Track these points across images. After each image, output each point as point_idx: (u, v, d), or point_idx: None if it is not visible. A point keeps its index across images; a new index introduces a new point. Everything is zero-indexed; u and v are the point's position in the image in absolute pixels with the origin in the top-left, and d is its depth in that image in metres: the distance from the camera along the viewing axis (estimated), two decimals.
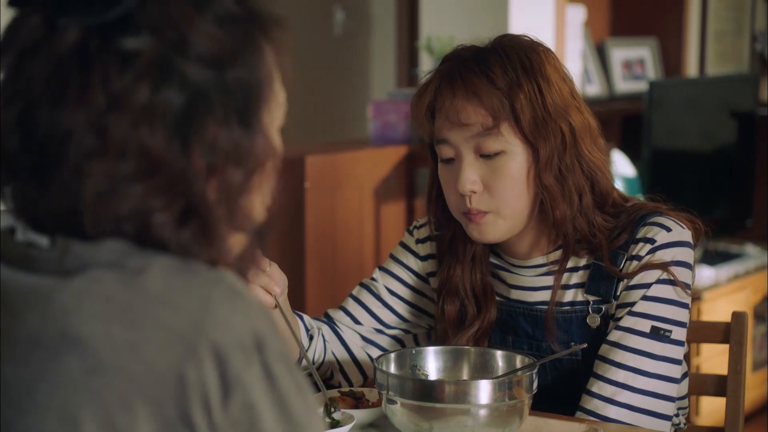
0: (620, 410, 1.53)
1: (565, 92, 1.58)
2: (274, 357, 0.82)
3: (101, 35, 0.83)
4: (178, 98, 0.84)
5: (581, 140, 1.57)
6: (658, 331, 1.55)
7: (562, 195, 1.57)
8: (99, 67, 0.83)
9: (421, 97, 1.60)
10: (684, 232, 1.59)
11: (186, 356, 0.79)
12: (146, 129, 0.83)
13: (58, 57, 0.83)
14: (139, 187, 0.83)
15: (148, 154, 0.83)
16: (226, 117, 0.86)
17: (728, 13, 4.62)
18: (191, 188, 0.85)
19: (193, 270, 0.84)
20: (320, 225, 3.12)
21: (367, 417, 1.54)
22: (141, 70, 0.83)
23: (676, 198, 1.67)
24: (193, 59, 0.84)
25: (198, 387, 0.79)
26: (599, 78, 4.28)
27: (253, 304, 0.84)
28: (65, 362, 0.80)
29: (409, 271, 1.77)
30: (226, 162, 0.87)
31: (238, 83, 0.87)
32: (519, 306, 1.67)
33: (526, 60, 1.56)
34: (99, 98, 0.82)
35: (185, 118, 0.84)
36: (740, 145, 4.01)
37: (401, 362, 1.56)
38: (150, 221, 0.84)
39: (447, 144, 1.58)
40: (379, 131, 3.43)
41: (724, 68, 4.62)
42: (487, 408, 1.40)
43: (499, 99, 1.54)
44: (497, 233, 1.59)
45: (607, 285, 1.60)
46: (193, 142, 0.85)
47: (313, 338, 1.71)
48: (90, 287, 0.82)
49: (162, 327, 0.80)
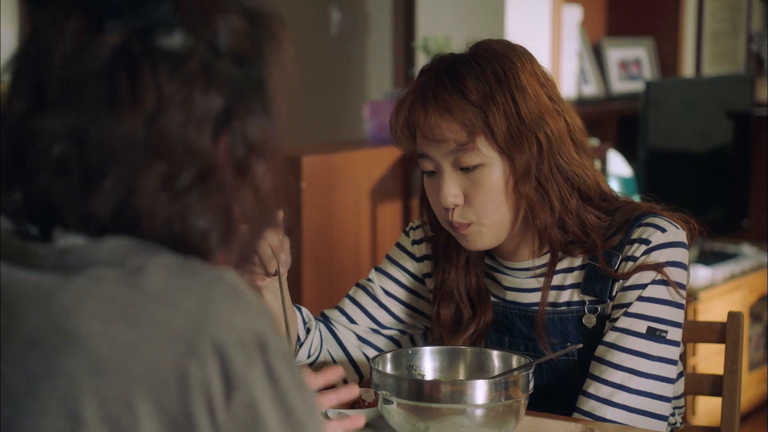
0: (617, 411, 1.53)
1: (542, 98, 1.57)
2: (276, 357, 0.82)
3: (142, 37, 0.84)
4: (220, 98, 0.85)
5: (560, 146, 1.56)
6: (654, 331, 1.55)
7: (541, 204, 1.56)
8: (147, 69, 0.83)
9: (398, 114, 1.60)
10: (679, 232, 1.59)
11: (188, 355, 0.79)
12: (195, 131, 0.84)
13: (106, 60, 0.83)
14: (194, 193, 0.84)
15: (198, 157, 0.84)
16: (255, 111, 0.88)
17: (724, 14, 4.62)
18: (229, 188, 0.86)
19: (193, 268, 0.84)
20: (316, 225, 3.12)
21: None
22: (192, 73, 0.84)
23: (672, 198, 1.67)
24: (224, 56, 0.86)
25: (201, 385, 0.79)
26: (595, 78, 4.29)
27: (254, 304, 0.84)
28: (66, 362, 0.80)
29: (405, 272, 1.77)
30: (257, 156, 0.88)
31: (260, 77, 0.88)
32: (515, 307, 1.67)
33: (500, 70, 1.55)
34: (150, 100, 0.83)
35: (225, 118, 0.86)
36: (736, 145, 4.02)
37: (397, 362, 1.56)
38: (193, 226, 0.85)
39: (427, 158, 1.59)
40: (376, 131, 3.43)
41: (720, 68, 4.62)
42: (483, 408, 1.41)
43: (473, 113, 1.53)
44: (484, 242, 1.60)
45: (603, 285, 1.60)
46: (225, 138, 0.86)
47: (310, 331, 1.71)
48: (90, 287, 0.82)
49: (163, 326, 0.80)
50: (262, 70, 0.89)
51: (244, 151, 0.87)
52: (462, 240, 1.61)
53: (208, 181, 0.85)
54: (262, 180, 0.89)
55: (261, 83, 0.89)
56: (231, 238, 0.87)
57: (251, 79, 0.88)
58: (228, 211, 0.87)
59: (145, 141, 0.83)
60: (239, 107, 0.87)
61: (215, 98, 0.85)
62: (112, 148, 0.83)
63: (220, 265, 0.88)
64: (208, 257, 0.87)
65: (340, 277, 3.19)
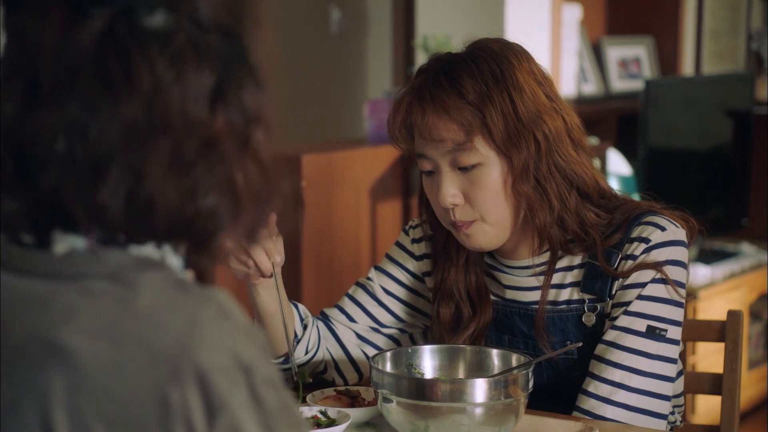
0: (617, 410, 1.53)
1: (539, 97, 1.57)
2: (261, 380, 0.81)
3: (126, 18, 0.83)
4: (211, 72, 0.85)
5: (558, 145, 1.56)
6: (653, 330, 1.55)
7: (540, 202, 1.56)
8: (137, 51, 0.82)
9: (395, 114, 1.60)
10: (678, 231, 1.59)
11: (170, 378, 0.78)
12: (193, 104, 0.83)
13: (94, 47, 0.82)
14: (200, 166, 0.84)
15: (199, 129, 0.84)
16: (246, 81, 0.87)
17: (724, 12, 4.62)
18: (232, 159, 0.86)
19: (184, 288, 0.83)
20: (316, 224, 3.12)
21: (363, 416, 1.54)
22: (181, 49, 0.83)
23: (672, 197, 1.67)
24: (208, 30, 0.85)
25: (181, 410, 0.78)
26: (595, 77, 4.28)
27: (242, 326, 0.83)
28: (49, 377, 0.79)
29: (404, 271, 1.77)
30: (255, 125, 0.88)
31: (244, 48, 0.88)
32: (514, 306, 1.67)
33: (497, 69, 1.55)
34: (146, 81, 0.82)
35: (219, 90, 0.85)
36: (736, 144, 4.02)
37: (397, 361, 1.56)
38: (203, 202, 0.84)
39: (425, 158, 1.59)
40: (375, 130, 3.43)
41: (719, 67, 4.62)
42: (482, 407, 1.40)
43: (470, 113, 1.53)
44: (486, 240, 1.60)
45: (602, 284, 1.60)
46: (222, 110, 0.86)
47: (307, 327, 1.71)
48: (80, 301, 0.81)
49: (147, 346, 0.79)
50: (245, 39, 0.88)
51: (242, 122, 0.87)
52: (465, 240, 1.60)
53: (211, 151, 0.84)
54: (263, 149, 0.88)
55: (246, 53, 0.88)
56: (239, 213, 0.87)
57: (237, 51, 0.87)
58: (233, 185, 0.86)
59: (147, 122, 0.82)
60: (231, 79, 0.86)
61: (207, 71, 0.85)
62: (116, 134, 0.82)
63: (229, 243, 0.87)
64: (217, 236, 0.86)
65: (339, 275, 3.19)
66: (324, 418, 1.50)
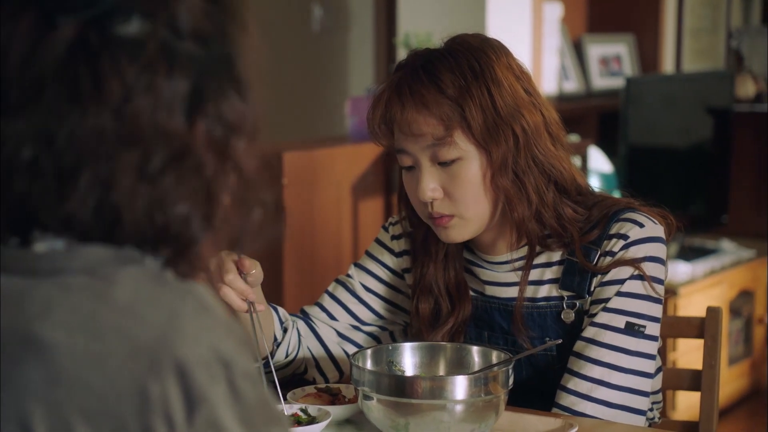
0: (596, 406, 1.54)
1: (518, 92, 1.57)
2: (240, 375, 0.81)
3: (98, 26, 0.82)
4: (185, 80, 0.83)
5: (536, 139, 1.57)
6: (632, 326, 1.55)
7: (519, 196, 1.57)
8: (107, 60, 0.81)
9: (374, 109, 1.60)
10: (656, 227, 1.60)
11: (149, 371, 0.78)
12: (166, 114, 0.82)
13: (63, 55, 0.81)
14: (170, 176, 0.83)
15: (171, 139, 0.82)
16: (227, 90, 0.86)
17: (704, 10, 4.64)
18: (211, 170, 0.85)
19: (163, 281, 0.82)
20: (298, 221, 3.11)
21: (343, 413, 1.54)
22: (152, 57, 0.82)
23: (652, 194, 1.67)
24: (185, 37, 0.84)
25: (160, 403, 0.77)
26: (576, 74, 4.29)
27: (221, 320, 0.82)
28: (26, 370, 0.78)
29: (384, 268, 1.77)
30: (236, 136, 0.87)
31: (226, 55, 0.87)
32: (494, 301, 1.67)
33: (476, 63, 1.55)
34: (115, 91, 0.81)
35: (197, 99, 0.84)
36: (716, 141, 4.03)
37: (377, 358, 1.56)
38: (174, 212, 0.83)
39: (405, 153, 1.59)
40: (357, 127, 3.43)
41: (700, 65, 4.64)
42: (463, 403, 1.41)
43: (449, 107, 1.54)
44: (464, 234, 1.60)
45: (581, 281, 1.60)
46: (201, 121, 0.85)
47: (287, 330, 1.70)
48: (58, 295, 0.80)
49: (127, 339, 0.78)
50: (228, 48, 0.87)
51: (222, 132, 0.86)
52: (441, 233, 1.61)
53: (182, 162, 0.83)
54: (244, 160, 0.87)
55: (228, 61, 0.87)
56: (213, 221, 0.86)
57: (217, 58, 0.86)
58: (208, 194, 0.85)
59: (116, 132, 0.81)
60: (209, 88, 0.85)
61: (180, 80, 0.83)
62: (83, 144, 0.81)
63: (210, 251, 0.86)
64: (194, 244, 0.85)
65: (321, 273, 3.18)
66: (304, 416, 1.50)
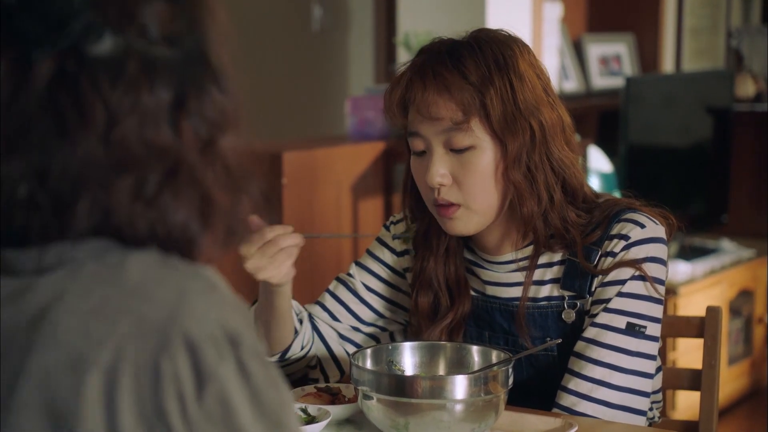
0: (597, 407, 1.54)
1: (538, 89, 1.58)
2: (249, 353, 0.82)
3: (73, 53, 0.82)
4: (168, 89, 0.84)
5: (552, 138, 1.57)
6: (633, 327, 1.55)
7: (530, 192, 1.57)
8: (88, 86, 0.81)
9: (394, 89, 1.61)
10: (657, 228, 1.60)
11: (160, 348, 0.79)
12: (153, 129, 0.83)
13: (44, 91, 0.81)
14: (167, 194, 0.83)
15: (163, 154, 0.83)
16: (206, 86, 0.86)
17: (704, 10, 4.64)
18: (199, 172, 0.85)
19: (170, 264, 0.84)
20: (298, 221, 3.11)
21: (343, 413, 1.54)
22: (133, 75, 0.82)
23: (652, 193, 1.67)
24: (158, 43, 0.84)
25: (172, 380, 0.79)
26: (576, 74, 4.29)
27: (229, 299, 0.83)
28: (44, 358, 0.79)
29: (385, 267, 1.77)
30: (220, 131, 0.87)
31: (200, 52, 0.86)
32: (495, 302, 1.67)
33: (500, 55, 1.56)
34: (99, 116, 0.81)
35: (179, 103, 0.84)
36: (716, 140, 4.03)
37: (377, 358, 1.56)
38: (173, 222, 0.84)
39: (418, 137, 1.59)
40: (357, 127, 3.43)
41: (700, 64, 4.64)
42: (462, 403, 1.41)
43: (470, 94, 1.54)
44: (469, 226, 1.60)
45: (582, 281, 1.60)
46: (186, 124, 0.85)
47: (302, 322, 1.71)
48: (67, 282, 0.81)
49: (138, 319, 0.80)
50: (201, 42, 0.87)
51: (206, 130, 0.86)
52: (446, 224, 1.60)
53: (177, 177, 0.84)
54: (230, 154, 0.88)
55: (203, 58, 0.87)
56: (210, 219, 0.87)
57: (192, 57, 0.86)
58: (203, 196, 0.86)
59: (106, 157, 0.82)
60: (189, 89, 0.85)
61: (163, 91, 0.84)
62: (76, 175, 0.81)
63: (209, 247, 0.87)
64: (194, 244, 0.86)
65: (321, 273, 3.18)
66: (304, 415, 1.50)
